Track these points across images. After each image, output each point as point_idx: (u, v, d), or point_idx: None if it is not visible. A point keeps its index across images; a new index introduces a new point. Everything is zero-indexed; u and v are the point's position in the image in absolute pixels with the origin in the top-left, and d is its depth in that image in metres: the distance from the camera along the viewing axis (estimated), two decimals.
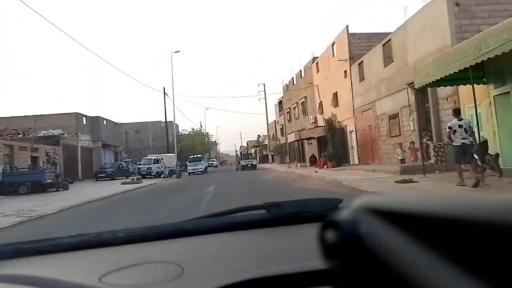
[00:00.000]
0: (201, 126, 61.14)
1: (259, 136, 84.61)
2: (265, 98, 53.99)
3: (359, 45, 23.24)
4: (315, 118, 31.68)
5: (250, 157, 40.05)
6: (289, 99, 40.17)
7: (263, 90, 54.68)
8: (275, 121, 57.37)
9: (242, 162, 37.95)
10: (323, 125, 29.31)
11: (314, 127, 30.24)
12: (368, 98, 20.93)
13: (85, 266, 0.88)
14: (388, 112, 18.73)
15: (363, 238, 0.36)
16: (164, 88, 37.62)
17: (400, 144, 17.13)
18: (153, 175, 31.39)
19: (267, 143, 59.18)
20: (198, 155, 39.27)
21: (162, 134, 47.03)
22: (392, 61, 17.98)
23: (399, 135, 17.73)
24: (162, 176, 32.00)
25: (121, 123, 47.03)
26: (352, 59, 23.02)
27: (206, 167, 39.79)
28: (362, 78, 21.88)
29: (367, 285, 0.37)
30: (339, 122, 24.67)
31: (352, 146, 24.40)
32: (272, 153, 53.59)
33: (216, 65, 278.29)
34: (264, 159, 47.08)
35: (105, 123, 39.30)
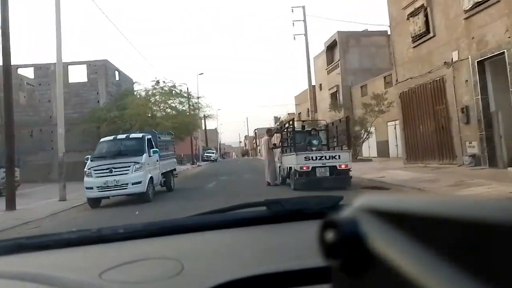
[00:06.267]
0: (189, 92, 27.68)
1: (277, 118, 58.29)
2: (305, 27, 27.42)
3: None
4: None
5: (331, 142, 11.32)
6: None
7: (303, 18, 28.08)
8: (314, 86, 31.49)
9: (303, 162, 9.71)
10: None
11: None
12: None
13: (85, 261, 0.88)
14: None
15: (363, 238, 0.36)
16: None
17: None
18: None
19: (294, 122, 31.50)
20: (137, 135, 12.05)
21: (85, 90, 20.84)
22: None
23: None
24: None
25: None
26: None
27: (171, 171, 13.39)
28: None
29: (367, 284, 0.36)
30: None
31: None
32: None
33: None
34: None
35: None
